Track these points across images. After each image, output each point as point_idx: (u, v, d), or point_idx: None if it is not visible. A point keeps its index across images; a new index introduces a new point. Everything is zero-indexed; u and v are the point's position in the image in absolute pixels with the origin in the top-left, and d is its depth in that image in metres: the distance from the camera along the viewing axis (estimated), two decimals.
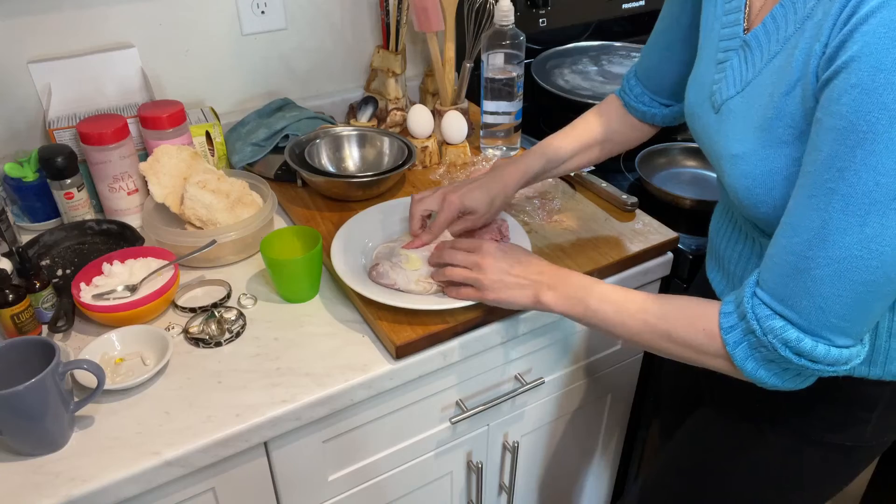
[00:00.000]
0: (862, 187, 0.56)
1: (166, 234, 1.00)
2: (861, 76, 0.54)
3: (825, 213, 0.59)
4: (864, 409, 0.78)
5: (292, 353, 0.87)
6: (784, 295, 0.63)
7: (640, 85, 0.98)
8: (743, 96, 0.71)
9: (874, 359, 0.74)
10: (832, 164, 0.57)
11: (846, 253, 0.59)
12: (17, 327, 0.85)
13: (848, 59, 0.55)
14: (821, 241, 0.60)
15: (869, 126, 0.54)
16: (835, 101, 0.57)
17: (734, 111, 0.72)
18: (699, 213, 1.13)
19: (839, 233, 0.58)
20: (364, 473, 0.97)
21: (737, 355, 0.67)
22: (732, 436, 0.88)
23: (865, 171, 0.56)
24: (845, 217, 0.58)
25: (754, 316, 0.65)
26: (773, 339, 0.64)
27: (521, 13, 1.43)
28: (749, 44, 0.71)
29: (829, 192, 0.58)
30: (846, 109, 0.56)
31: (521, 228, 1.02)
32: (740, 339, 0.67)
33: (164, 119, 1.06)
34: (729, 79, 0.73)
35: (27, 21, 1.09)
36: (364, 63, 1.41)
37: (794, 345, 0.63)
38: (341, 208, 1.12)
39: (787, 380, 0.68)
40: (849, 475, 0.87)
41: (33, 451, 0.75)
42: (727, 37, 0.75)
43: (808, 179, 0.61)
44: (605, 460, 1.37)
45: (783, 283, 0.63)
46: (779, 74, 0.66)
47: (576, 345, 1.10)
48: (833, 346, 0.63)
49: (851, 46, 0.55)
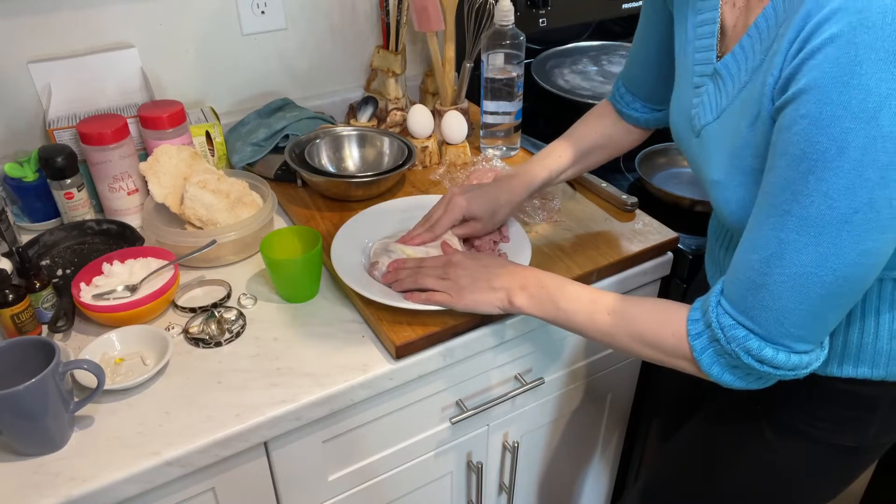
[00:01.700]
0: (815, 210, 0.58)
1: (166, 234, 1.00)
2: (809, 108, 0.56)
3: (781, 232, 0.61)
4: (866, 411, 0.78)
5: (292, 353, 0.87)
6: (744, 307, 0.66)
7: (630, 93, 0.99)
8: (719, 123, 0.73)
9: (876, 361, 0.74)
10: (787, 188, 0.60)
11: (802, 270, 0.61)
12: (17, 327, 0.85)
13: (797, 90, 0.57)
14: (777, 258, 0.62)
15: (819, 155, 0.56)
16: (786, 129, 0.59)
17: (712, 137, 0.74)
18: (699, 213, 1.13)
19: (795, 252, 0.61)
20: (364, 473, 0.97)
21: (703, 361, 0.70)
22: (733, 437, 0.88)
23: (818, 196, 0.58)
24: (800, 237, 0.60)
25: (719, 325, 0.68)
26: (736, 347, 0.67)
27: (521, 13, 1.43)
28: (720, 72, 0.72)
29: (784, 214, 0.60)
30: (797, 138, 0.58)
31: (521, 229, 1.02)
32: (706, 346, 0.69)
33: (164, 119, 1.06)
34: (706, 104, 0.75)
35: (27, 21, 1.09)
36: (364, 63, 1.41)
37: (756, 353, 0.66)
38: (341, 208, 1.12)
39: (750, 382, 0.71)
40: (850, 476, 0.87)
41: (33, 451, 0.75)
42: (701, 61, 0.76)
43: (765, 199, 0.63)
44: (605, 460, 1.37)
45: (743, 295, 0.66)
46: (745, 106, 0.67)
47: (575, 345, 1.10)
48: (793, 353, 0.66)
49: (800, 79, 0.57)
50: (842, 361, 0.75)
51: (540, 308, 0.81)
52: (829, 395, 0.78)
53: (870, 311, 0.73)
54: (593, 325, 0.77)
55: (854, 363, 0.75)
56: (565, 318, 0.79)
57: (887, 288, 0.71)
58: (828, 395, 0.78)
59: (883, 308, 0.72)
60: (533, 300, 0.81)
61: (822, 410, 0.80)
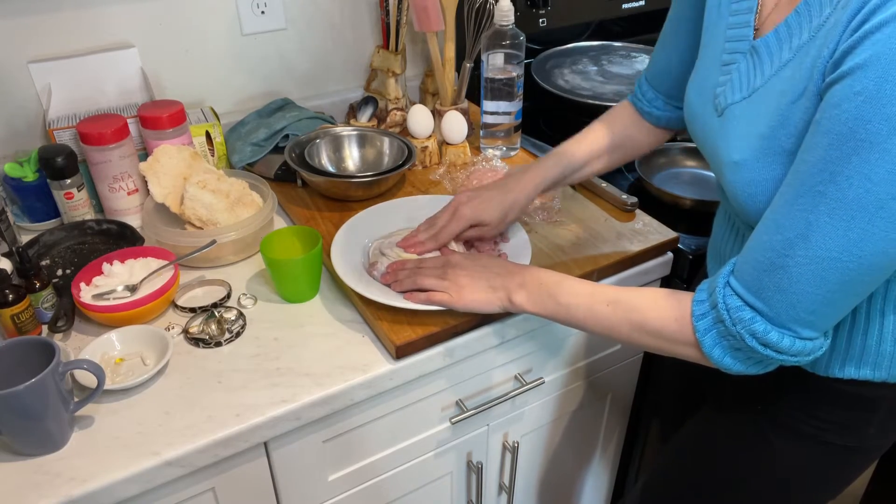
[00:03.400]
0: (852, 193, 0.57)
1: (166, 234, 1.00)
2: (866, 84, 0.54)
3: (811, 214, 0.59)
4: (866, 411, 0.78)
5: (292, 353, 0.87)
6: (757, 287, 0.65)
7: (652, 89, 0.97)
8: (749, 102, 0.71)
9: (878, 363, 0.74)
10: (825, 168, 0.58)
11: (826, 254, 0.60)
12: (17, 327, 0.85)
13: (854, 65, 0.55)
14: (803, 240, 0.61)
15: (868, 135, 0.55)
16: (835, 106, 0.57)
17: (738, 117, 0.71)
18: (699, 213, 1.13)
19: (823, 234, 0.59)
20: (364, 473, 0.97)
21: (705, 342, 0.69)
22: (733, 437, 0.88)
23: (858, 179, 0.56)
24: (831, 220, 0.59)
25: (725, 306, 0.67)
26: (741, 329, 0.65)
27: (521, 13, 1.43)
28: (758, 50, 0.70)
29: (817, 195, 0.59)
30: (847, 115, 0.56)
31: (521, 228, 1.02)
32: (710, 327, 0.68)
33: (164, 119, 1.06)
34: (735, 82, 0.73)
35: (27, 21, 1.09)
36: (364, 63, 1.41)
37: (761, 336, 0.65)
38: (341, 208, 1.12)
39: (749, 366, 0.69)
40: (849, 476, 0.87)
41: (33, 451, 0.75)
42: (734, 38, 0.74)
43: (797, 179, 0.61)
44: (605, 460, 1.37)
45: (758, 276, 0.65)
46: (788, 83, 0.65)
47: (576, 345, 1.10)
48: (798, 339, 0.65)
49: (860, 53, 0.55)
50: (844, 362, 0.75)
51: (540, 305, 0.80)
52: (829, 396, 0.78)
53: (875, 313, 0.72)
54: (594, 317, 0.76)
55: (856, 364, 0.75)
56: (566, 314, 0.78)
57: (893, 290, 0.71)
58: (828, 396, 0.78)
59: (888, 310, 0.72)
60: (532, 297, 0.80)
61: (821, 411, 0.80)
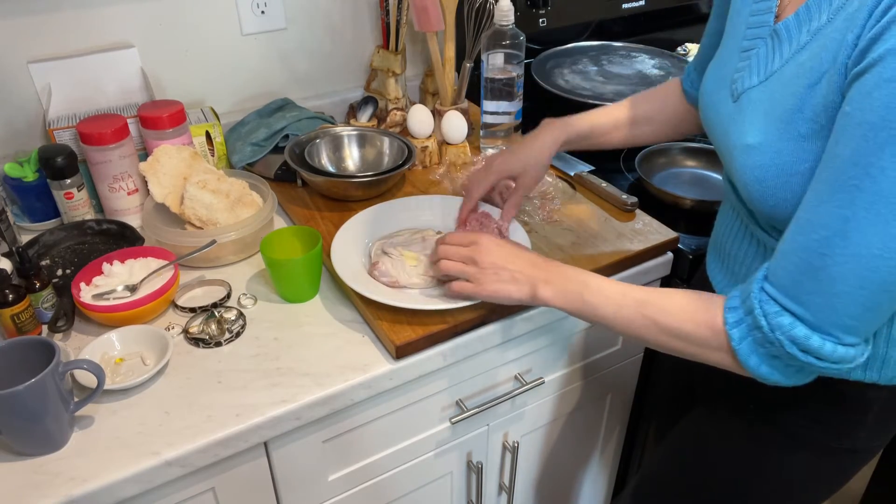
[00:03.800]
0: (889, 185, 0.55)
1: (166, 234, 1.00)
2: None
3: (848, 210, 0.57)
4: (858, 413, 0.78)
5: (292, 353, 0.87)
6: (796, 291, 0.62)
7: (697, 72, 0.97)
8: (765, 86, 0.70)
9: (871, 364, 0.74)
10: (858, 161, 0.56)
11: (866, 251, 0.57)
12: (17, 327, 0.85)
13: (884, 52, 0.54)
14: (841, 237, 0.58)
15: None
16: (866, 96, 0.55)
17: (754, 101, 0.70)
18: (699, 213, 1.13)
19: (861, 231, 0.57)
20: (364, 473, 0.97)
21: (741, 350, 0.66)
22: (726, 437, 0.88)
23: (894, 170, 0.54)
24: (869, 215, 0.56)
25: (762, 312, 0.64)
26: (780, 335, 0.63)
27: (521, 13, 1.43)
28: (779, 33, 0.69)
29: (852, 189, 0.57)
30: (878, 104, 0.54)
31: (521, 228, 1.02)
32: (745, 335, 0.66)
33: (164, 119, 1.06)
34: (753, 67, 0.72)
35: (27, 21, 1.09)
36: (364, 63, 1.41)
37: (802, 342, 0.62)
38: (341, 208, 1.12)
39: (788, 376, 0.67)
40: (842, 477, 0.87)
41: (33, 451, 0.75)
42: (755, 24, 0.73)
43: (829, 174, 0.59)
44: (605, 460, 1.37)
45: (796, 279, 0.62)
46: (805, 66, 0.64)
47: (575, 345, 1.10)
48: (840, 345, 0.62)
49: (889, 39, 0.54)
50: None
51: (565, 301, 0.78)
52: (822, 397, 0.78)
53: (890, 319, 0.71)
54: (621, 318, 0.74)
55: (863, 368, 0.74)
56: (591, 312, 0.77)
57: None
58: (821, 397, 0.78)
59: None
60: (558, 293, 0.79)
61: (814, 412, 0.80)
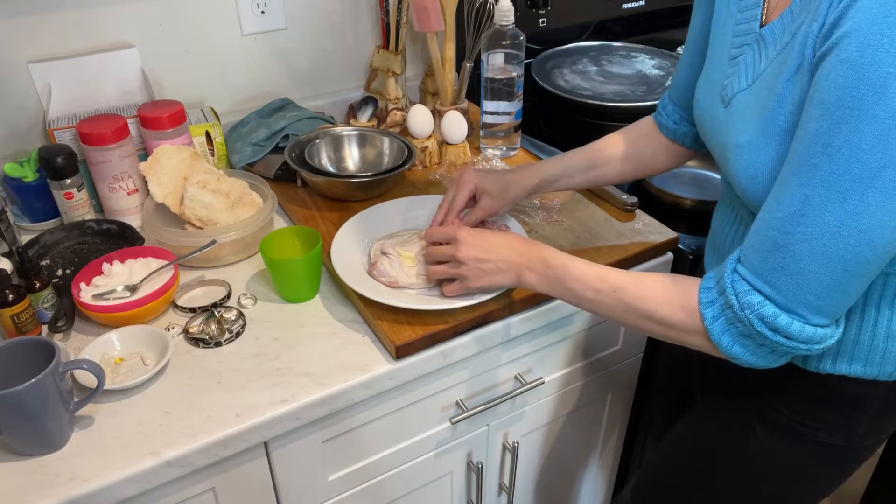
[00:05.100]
0: (844, 164, 0.57)
1: (166, 234, 1.00)
2: (850, 52, 0.55)
3: (807, 188, 0.60)
4: (856, 410, 0.78)
5: (292, 353, 0.87)
6: (763, 270, 0.65)
7: (672, 103, 0.97)
8: (752, 89, 0.72)
9: (870, 359, 0.74)
10: (817, 140, 0.58)
11: (826, 230, 0.60)
12: (17, 327, 0.85)
13: (841, 35, 0.56)
14: (801, 216, 0.61)
15: (854, 102, 0.55)
16: (825, 77, 0.58)
17: (742, 104, 0.72)
18: (699, 213, 1.13)
19: (819, 209, 0.59)
20: (364, 473, 0.97)
21: (714, 330, 0.68)
22: (724, 434, 0.88)
23: (848, 148, 0.56)
24: (826, 193, 0.59)
25: (733, 291, 0.66)
26: (749, 314, 0.65)
27: (521, 13, 1.43)
28: (764, 37, 0.71)
29: (811, 168, 0.59)
30: (834, 85, 0.57)
31: (521, 229, 1.02)
32: (718, 314, 0.68)
33: (164, 119, 1.06)
34: (741, 72, 0.74)
35: (27, 21, 1.09)
36: (364, 63, 1.41)
37: (770, 320, 0.64)
38: (341, 208, 1.12)
39: (761, 356, 0.69)
40: (840, 475, 0.87)
41: (33, 451, 0.75)
42: (741, 32, 0.75)
43: (794, 156, 0.62)
44: (605, 460, 1.37)
45: (763, 258, 0.65)
46: (785, 62, 0.66)
47: (576, 345, 1.10)
48: (808, 324, 0.65)
49: (845, 23, 0.56)
50: (836, 357, 0.75)
51: (549, 287, 0.81)
52: (820, 394, 0.78)
53: (870, 306, 0.72)
54: (601, 303, 0.76)
55: (849, 360, 0.75)
56: (573, 297, 0.79)
57: (892, 284, 0.71)
58: (819, 394, 0.78)
59: (884, 304, 0.72)
60: (541, 279, 0.81)
61: (812, 409, 0.80)
